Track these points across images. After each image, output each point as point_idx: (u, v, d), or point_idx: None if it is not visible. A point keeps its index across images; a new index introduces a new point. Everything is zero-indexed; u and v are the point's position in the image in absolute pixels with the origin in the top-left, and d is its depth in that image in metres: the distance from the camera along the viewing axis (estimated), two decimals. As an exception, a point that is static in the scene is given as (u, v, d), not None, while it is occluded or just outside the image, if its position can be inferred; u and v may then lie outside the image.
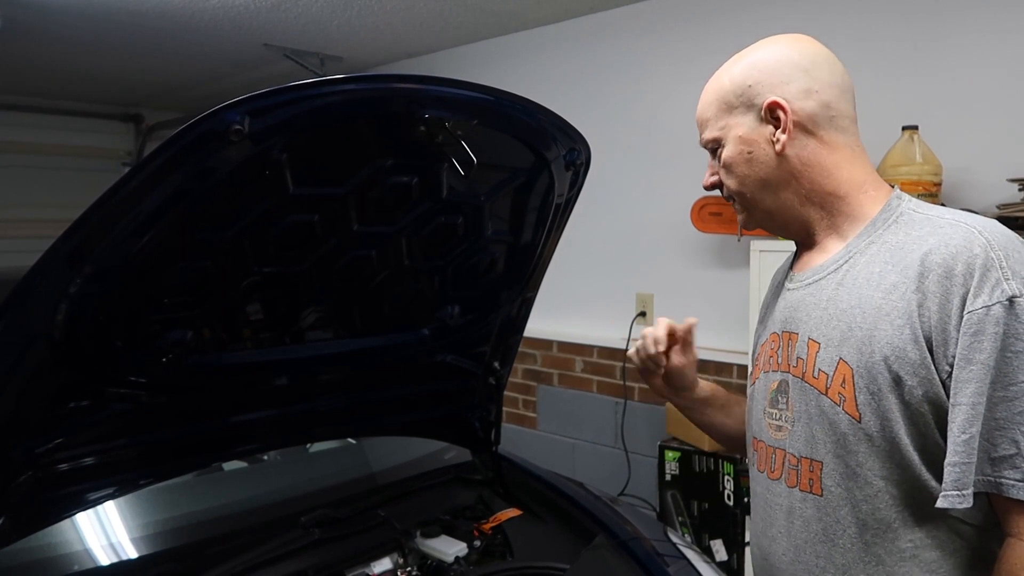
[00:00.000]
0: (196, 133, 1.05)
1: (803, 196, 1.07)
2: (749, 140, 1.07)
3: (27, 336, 1.13)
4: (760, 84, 1.06)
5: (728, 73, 1.10)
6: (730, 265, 2.86)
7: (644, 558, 1.58)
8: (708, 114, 1.11)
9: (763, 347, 1.18)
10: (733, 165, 1.09)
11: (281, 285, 1.40)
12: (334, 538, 1.59)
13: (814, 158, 1.06)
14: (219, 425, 1.53)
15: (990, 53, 2.27)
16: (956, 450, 0.90)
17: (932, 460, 0.94)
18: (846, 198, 1.06)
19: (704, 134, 1.13)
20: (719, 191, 1.16)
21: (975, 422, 0.89)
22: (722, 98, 1.09)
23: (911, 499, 0.97)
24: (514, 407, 3.61)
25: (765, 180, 1.08)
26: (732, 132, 1.08)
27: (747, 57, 1.10)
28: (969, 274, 0.91)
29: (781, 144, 1.05)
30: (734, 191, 1.11)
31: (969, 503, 0.90)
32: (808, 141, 1.06)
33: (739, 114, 1.08)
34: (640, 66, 3.12)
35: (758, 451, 1.15)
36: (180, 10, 3.05)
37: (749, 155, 1.07)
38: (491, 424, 1.90)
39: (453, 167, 1.33)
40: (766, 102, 1.05)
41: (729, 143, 1.09)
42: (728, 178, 1.11)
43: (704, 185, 1.16)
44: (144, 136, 5.37)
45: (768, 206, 1.10)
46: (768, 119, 1.06)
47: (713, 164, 1.14)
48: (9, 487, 1.24)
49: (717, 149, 1.11)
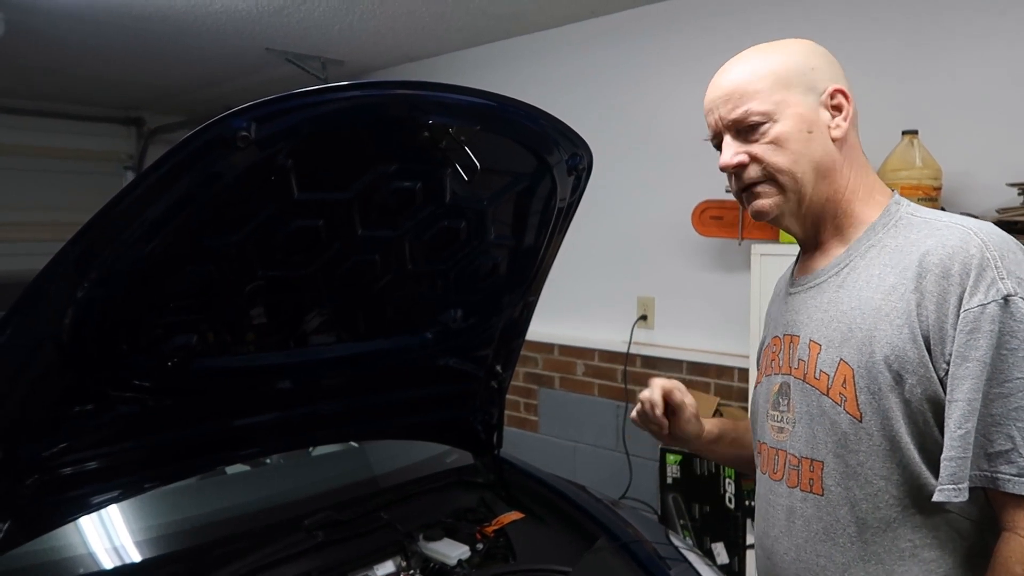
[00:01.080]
0: (203, 139, 1.06)
1: (834, 190, 1.07)
2: (809, 120, 1.04)
3: (34, 340, 1.14)
4: (821, 70, 1.06)
5: (779, 54, 1.07)
6: (731, 269, 2.87)
7: (646, 561, 1.58)
8: (756, 86, 1.05)
9: (766, 351, 1.19)
10: (788, 141, 1.04)
11: (285, 289, 1.41)
12: (337, 541, 1.59)
13: (853, 155, 1.08)
14: (223, 428, 1.54)
15: (990, 57, 2.28)
16: (952, 445, 0.92)
17: (931, 458, 0.96)
18: (861, 200, 1.08)
19: (745, 106, 1.05)
20: (734, 177, 1.09)
21: (971, 418, 0.91)
22: (778, 74, 1.05)
23: (911, 498, 0.98)
24: (515, 410, 3.62)
25: (818, 163, 1.05)
26: (790, 109, 1.04)
27: (795, 44, 1.09)
28: (965, 273, 0.93)
29: (842, 131, 1.05)
30: (782, 168, 1.05)
31: (965, 497, 0.92)
32: (851, 136, 1.08)
33: (798, 93, 1.05)
34: (641, 70, 3.13)
35: (761, 453, 1.16)
36: (182, 14, 3.06)
37: (809, 134, 1.04)
38: (493, 427, 1.91)
39: (456, 172, 1.34)
40: (832, 88, 1.05)
41: (786, 119, 1.04)
42: (776, 155, 1.04)
43: (728, 164, 1.08)
44: (146, 140, 5.38)
45: (806, 191, 1.06)
46: (828, 105, 1.05)
47: (735, 144, 1.07)
48: (15, 490, 1.25)
49: (760, 126, 1.05)
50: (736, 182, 1.10)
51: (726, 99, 1.07)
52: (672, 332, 3.08)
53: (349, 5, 2.99)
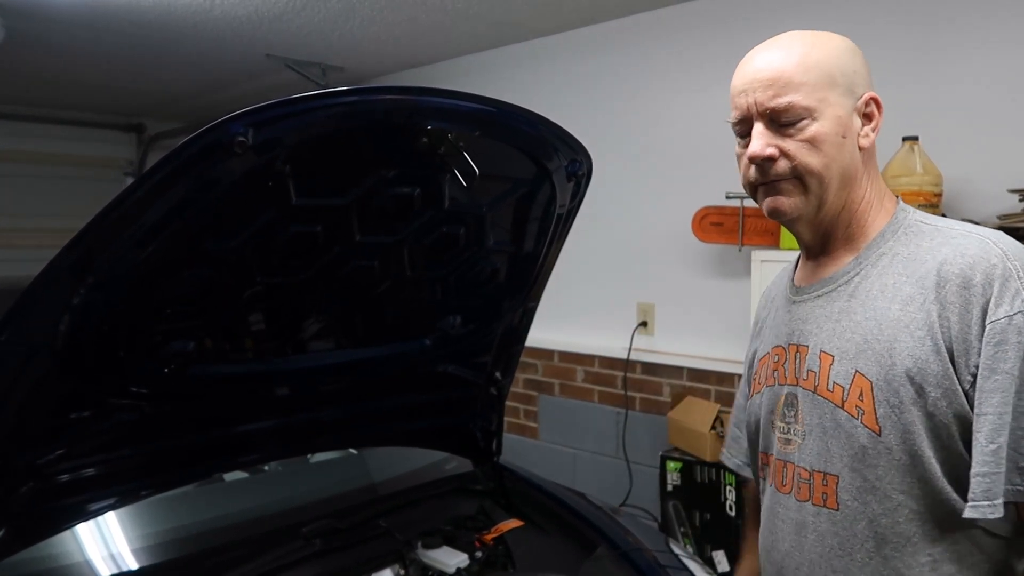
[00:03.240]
0: (200, 144, 1.06)
1: (851, 199, 1.04)
2: (845, 124, 1.00)
3: (30, 346, 1.13)
4: (861, 75, 1.03)
5: (828, 49, 1.02)
6: (731, 275, 2.87)
7: (646, 569, 1.57)
8: (804, 78, 0.99)
9: (764, 360, 1.17)
10: (824, 143, 0.99)
11: (283, 295, 1.40)
12: (335, 549, 1.59)
13: (871, 165, 1.06)
14: (221, 435, 1.53)
15: (991, 64, 2.28)
16: (984, 460, 0.90)
17: (954, 472, 0.94)
18: (873, 210, 1.06)
19: (790, 97, 0.98)
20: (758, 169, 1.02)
21: (1002, 432, 0.89)
22: (827, 70, 1.00)
23: (931, 512, 0.96)
24: (515, 417, 3.61)
25: (844, 170, 1.01)
26: (831, 109, 0.99)
27: (841, 41, 1.04)
28: (988, 284, 0.91)
29: (870, 141, 1.03)
30: (813, 170, 1.00)
31: (1000, 513, 0.89)
32: (873, 147, 1.06)
33: (840, 95, 1.00)
34: (640, 77, 3.13)
35: (767, 465, 1.14)
36: (182, 21, 3.07)
37: (843, 139, 1.00)
38: (492, 434, 1.90)
39: (455, 178, 1.33)
40: (867, 95, 1.02)
41: (826, 118, 0.99)
42: (812, 154, 0.99)
43: (759, 155, 1.01)
44: (146, 146, 5.39)
45: (828, 197, 1.02)
46: (861, 112, 1.02)
47: (767, 134, 1.01)
48: (11, 498, 1.24)
49: (799, 120, 0.99)
50: (758, 174, 1.03)
51: (768, 84, 1.00)
52: (672, 338, 3.07)
53: (349, 11, 2.99)
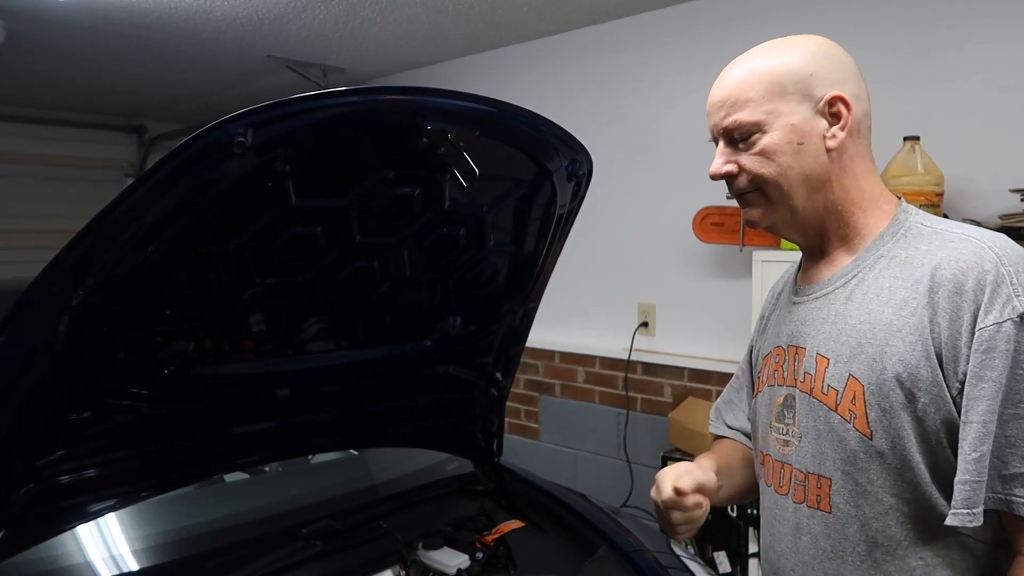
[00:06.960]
0: (199, 145, 1.05)
1: (831, 201, 1.04)
2: (801, 131, 1.00)
3: (29, 347, 1.13)
4: (821, 76, 1.01)
5: (780, 57, 1.03)
6: (732, 275, 2.86)
7: (647, 570, 1.57)
8: (748, 94, 1.02)
9: (767, 359, 1.17)
10: (776, 153, 1.01)
11: (283, 296, 1.40)
12: (336, 550, 1.58)
13: (851, 164, 1.03)
14: (221, 436, 1.53)
15: (992, 63, 2.28)
16: (967, 468, 0.89)
17: (942, 478, 0.94)
18: (863, 210, 1.04)
19: (736, 115, 1.02)
20: (728, 184, 1.08)
21: (986, 440, 0.89)
22: (773, 80, 1.01)
23: (921, 517, 0.96)
24: (516, 418, 3.60)
25: (807, 175, 1.01)
26: (782, 119, 1.01)
27: (800, 45, 1.05)
28: (980, 290, 0.90)
29: (837, 141, 1.01)
30: (768, 180, 1.02)
31: (979, 521, 0.89)
32: (851, 145, 1.03)
33: (793, 102, 1.01)
34: (641, 77, 3.13)
35: (765, 464, 1.14)
36: (183, 22, 3.07)
37: (799, 146, 1.00)
38: (493, 435, 1.89)
39: (455, 178, 1.33)
40: (829, 95, 1.00)
41: (776, 129, 1.01)
42: (764, 166, 1.02)
43: (717, 173, 1.07)
44: (147, 147, 5.40)
45: (797, 204, 1.03)
46: (825, 113, 1.01)
47: (727, 152, 1.05)
48: (9, 499, 1.24)
49: (750, 136, 1.02)
50: (729, 189, 1.09)
51: (720, 106, 1.05)
52: (673, 339, 3.07)
53: (350, 12, 2.99)
